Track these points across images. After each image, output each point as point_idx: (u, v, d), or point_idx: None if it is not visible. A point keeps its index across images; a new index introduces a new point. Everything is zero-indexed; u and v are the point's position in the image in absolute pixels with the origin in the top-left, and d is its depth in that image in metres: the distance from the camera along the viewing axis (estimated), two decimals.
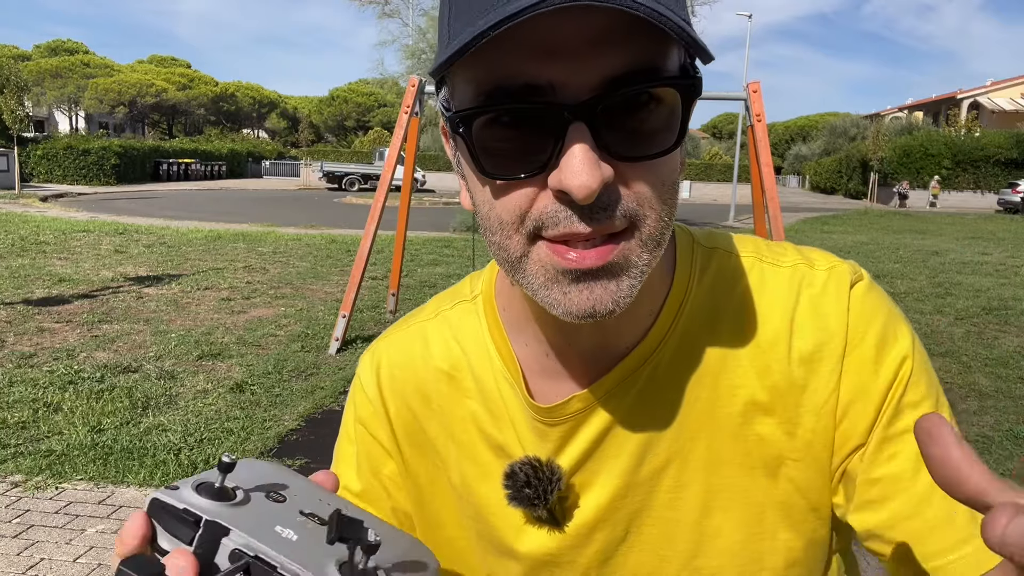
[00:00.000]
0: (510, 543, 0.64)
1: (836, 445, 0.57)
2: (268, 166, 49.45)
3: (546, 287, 0.49)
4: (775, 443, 0.58)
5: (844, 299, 0.58)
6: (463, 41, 0.42)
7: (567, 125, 0.45)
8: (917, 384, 0.56)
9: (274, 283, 8.92)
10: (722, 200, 32.84)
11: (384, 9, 17.27)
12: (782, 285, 0.60)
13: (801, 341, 0.57)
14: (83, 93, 55.98)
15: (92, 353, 5.67)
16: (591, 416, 0.60)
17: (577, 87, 0.44)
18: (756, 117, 5.36)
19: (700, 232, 0.65)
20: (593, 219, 0.46)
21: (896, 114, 53.17)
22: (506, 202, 0.49)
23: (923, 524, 0.53)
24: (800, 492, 0.58)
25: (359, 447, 0.72)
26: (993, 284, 10.02)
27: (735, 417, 0.58)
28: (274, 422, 4.37)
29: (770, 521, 0.59)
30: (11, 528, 3.13)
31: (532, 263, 0.49)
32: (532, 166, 0.47)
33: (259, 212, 20.26)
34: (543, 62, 0.44)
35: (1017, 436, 4.34)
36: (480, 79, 0.46)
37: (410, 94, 5.86)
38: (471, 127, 0.47)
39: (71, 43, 65.89)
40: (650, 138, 0.47)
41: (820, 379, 0.57)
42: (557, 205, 0.47)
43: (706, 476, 0.59)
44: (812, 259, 0.61)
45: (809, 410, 0.57)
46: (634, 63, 0.45)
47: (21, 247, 11.11)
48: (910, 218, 24.54)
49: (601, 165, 0.45)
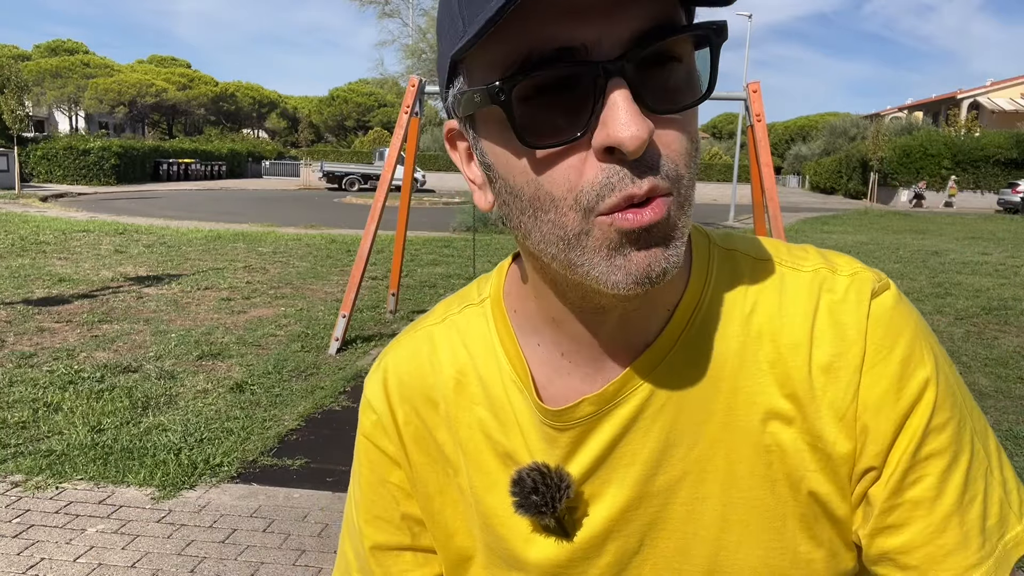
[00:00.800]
0: (519, 554, 0.62)
1: (855, 459, 0.56)
2: (268, 166, 49.46)
3: (608, 258, 0.48)
4: (796, 454, 0.56)
5: (864, 308, 0.56)
6: (491, 12, 0.42)
7: (606, 82, 0.45)
8: (942, 408, 0.54)
9: (274, 283, 8.92)
10: (722, 200, 32.82)
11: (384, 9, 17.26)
12: (802, 290, 0.58)
13: (820, 350, 0.56)
14: (83, 93, 55.99)
15: (92, 353, 5.67)
16: (603, 421, 0.58)
17: (609, 45, 0.45)
18: (756, 117, 5.36)
19: (717, 233, 0.64)
20: (644, 177, 0.46)
21: (896, 114, 53.14)
22: (553, 175, 0.48)
23: (938, 550, 0.53)
24: (820, 504, 0.56)
25: (363, 459, 0.70)
26: (993, 284, 10.02)
27: (754, 426, 0.56)
28: (274, 422, 4.37)
29: (791, 534, 0.57)
30: (11, 528, 3.13)
31: (593, 239, 0.48)
32: (575, 128, 0.47)
33: (259, 212, 20.26)
34: (573, 24, 0.45)
35: (1017, 436, 4.33)
36: (508, 52, 0.46)
37: (410, 94, 5.86)
38: (511, 97, 0.47)
39: (71, 43, 65.88)
40: (680, 92, 0.48)
41: (839, 389, 0.55)
42: (608, 169, 0.46)
43: (725, 488, 0.57)
44: (835, 264, 0.59)
45: (829, 421, 0.55)
46: (659, 18, 0.46)
47: (21, 247, 11.12)
48: (910, 218, 24.54)
49: (644, 116, 0.45)
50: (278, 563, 2.93)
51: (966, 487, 0.54)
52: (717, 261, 0.60)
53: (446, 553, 0.67)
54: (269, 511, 3.35)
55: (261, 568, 2.90)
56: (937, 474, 0.53)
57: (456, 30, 0.49)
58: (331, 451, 4.00)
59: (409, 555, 0.69)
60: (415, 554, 0.69)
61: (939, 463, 0.53)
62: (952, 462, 0.54)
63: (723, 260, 0.61)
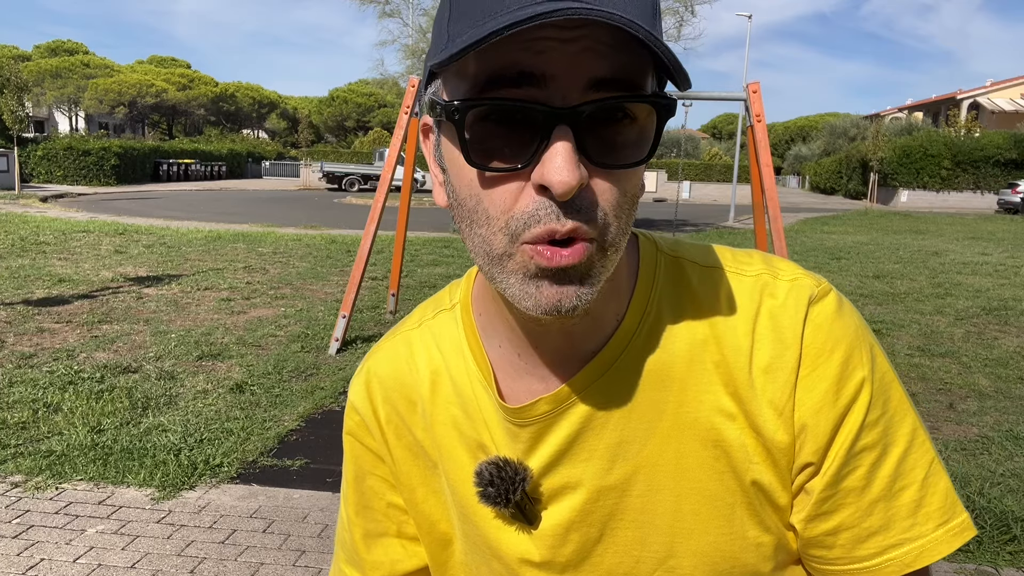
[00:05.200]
0: (492, 542, 0.67)
1: (794, 453, 0.60)
2: (268, 166, 49.44)
3: (522, 283, 0.52)
4: (740, 448, 0.60)
5: (802, 313, 0.60)
6: (473, 38, 0.46)
7: (553, 125, 0.48)
8: (876, 406, 0.59)
9: (274, 283, 8.92)
10: (722, 200, 32.84)
11: (384, 9, 17.24)
12: (744, 294, 0.62)
13: (761, 352, 0.60)
14: (83, 93, 55.96)
15: (92, 353, 5.67)
16: (559, 419, 0.62)
17: (567, 82, 0.48)
18: (756, 117, 5.36)
19: (665, 240, 0.68)
20: (570, 217, 0.50)
21: (896, 114, 53.14)
22: (493, 195, 0.52)
23: (863, 532, 0.59)
24: (764, 493, 0.61)
25: (349, 455, 0.76)
26: (993, 284, 10.02)
27: (702, 422, 0.61)
28: (274, 422, 4.37)
29: (739, 521, 0.61)
30: (11, 528, 3.13)
31: (514, 263, 0.52)
32: (518, 159, 0.50)
33: (259, 212, 20.26)
34: (538, 55, 0.48)
35: (1017, 436, 4.33)
36: (476, 71, 0.49)
37: (410, 94, 5.86)
38: (465, 117, 0.50)
39: (71, 43, 65.86)
40: (625, 149, 0.51)
41: (777, 388, 0.59)
42: (538, 202, 0.50)
43: (676, 481, 0.61)
44: (777, 270, 0.63)
45: (768, 417, 0.59)
46: (619, 71, 0.49)
47: (21, 247, 11.12)
48: (910, 218, 24.53)
49: (580, 166, 0.48)
50: (278, 564, 2.93)
51: (896, 476, 0.59)
52: (663, 268, 0.65)
53: (430, 538, 0.73)
54: (269, 512, 3.35)
55: (261, 569, 2.90)
56: (868, 465, 0.59)
57: (440, 40, 0.53)
58: (331, 451, 4.00)
59: (396, 541, 0.76)
60: (401, 541, 0.76)
61: (870, 456, 0.59)
62: (882, 454, 0.59)
63: (669, 267, 0.65)
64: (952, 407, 4.89)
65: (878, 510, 0.59)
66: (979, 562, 3.00)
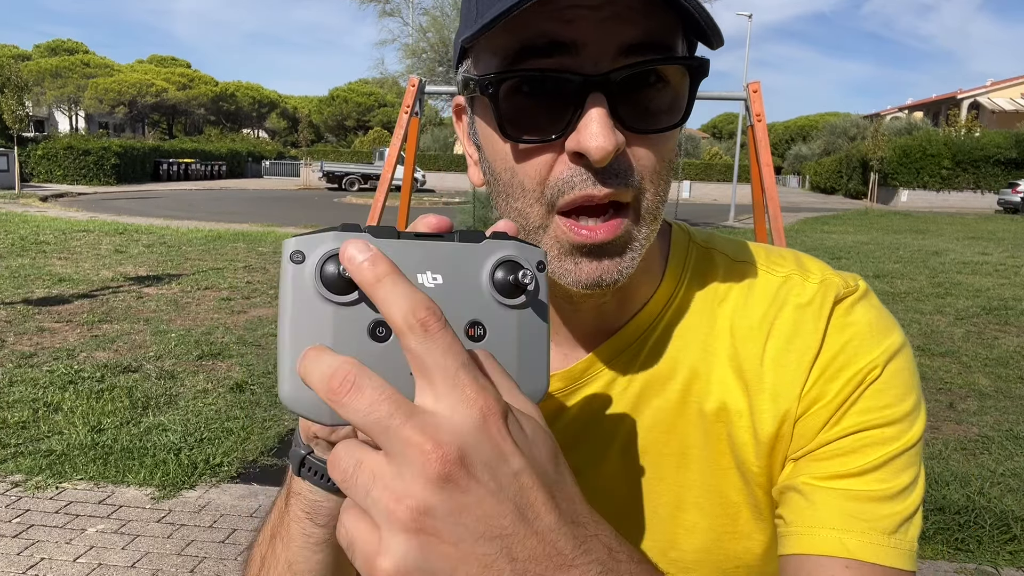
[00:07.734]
0: None
1: (791, 451, 0.59)
2: (268, 166, 49.43)
3: (559, 258, 0.53)
4: (744, 446, 0.59)
5: (826, 312, 0.59)
6: (502, 7, 0.46)
7: (587, 93, 0.49)
8: (881, 392, 0.56)
9: (274, 283, 8.92)
10: (722, 200, 32.83)
11: (384, 8, 17.24)
12: (770, 292, 0.61)
13: (774, 344, 0.59)
14: (83, 93, 55.95)
15: (92, 353, 5.67)
16: (571, 397, 0.62)
17: (598, 49, 0.49)
18: (756, 117, 5.36)
19: (700, 232, 0.67)
20: (606, 183, 0.50)
21: (896, 114, 53.14)
22: (527, 167, 0.52)
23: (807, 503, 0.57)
24: (767, 493, 0.60)
25: None
26: (993, 284, 10.02)
27: (708, 416, 0.60)
28: (274, 422, 4.37)
29: (744, 520, 0.60)
30: (11, 528, 3.13)
31: (549, 236, 0.52)
32: (553, 130, 0.50)
33: (259, 212, 20.26)
34: (568, 23, 0.48)
35: (1017, 436, 4.33)
36: (507, 43, 0.50)
37: (410, 94, 5.86)
38: (499, 91, 0.50)
39: (71, 43, 65.86)
40: (659, 114, 0.51)
41: (785, 383, 0.58)
42: (573, 169, 0.50)
43: (679, 472, 0.61)
44: (808, 270, 0.62)
45: (775, 415, 0.58)
46: (650, 35, 0.49)
47: (21, 247, 11.12)
48: (910, 218, 24.53)
49: (616, 131, 0.48)
50: None
51: (901, 470, 0.56)
52: (694, 258, 0.64)
53: None
54: None
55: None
56: (872, 456, 0.56)
57: (470, 16, 0.53)
58: None
59: None
60: None
61: (880, 450, 0.56)
62: (890, 443, 0.56)
63: (700, 258, 0.64)
64: (952, 407, 4.89)
65: (824, 490, 0.56)
66: (979, 561, 3.00)
